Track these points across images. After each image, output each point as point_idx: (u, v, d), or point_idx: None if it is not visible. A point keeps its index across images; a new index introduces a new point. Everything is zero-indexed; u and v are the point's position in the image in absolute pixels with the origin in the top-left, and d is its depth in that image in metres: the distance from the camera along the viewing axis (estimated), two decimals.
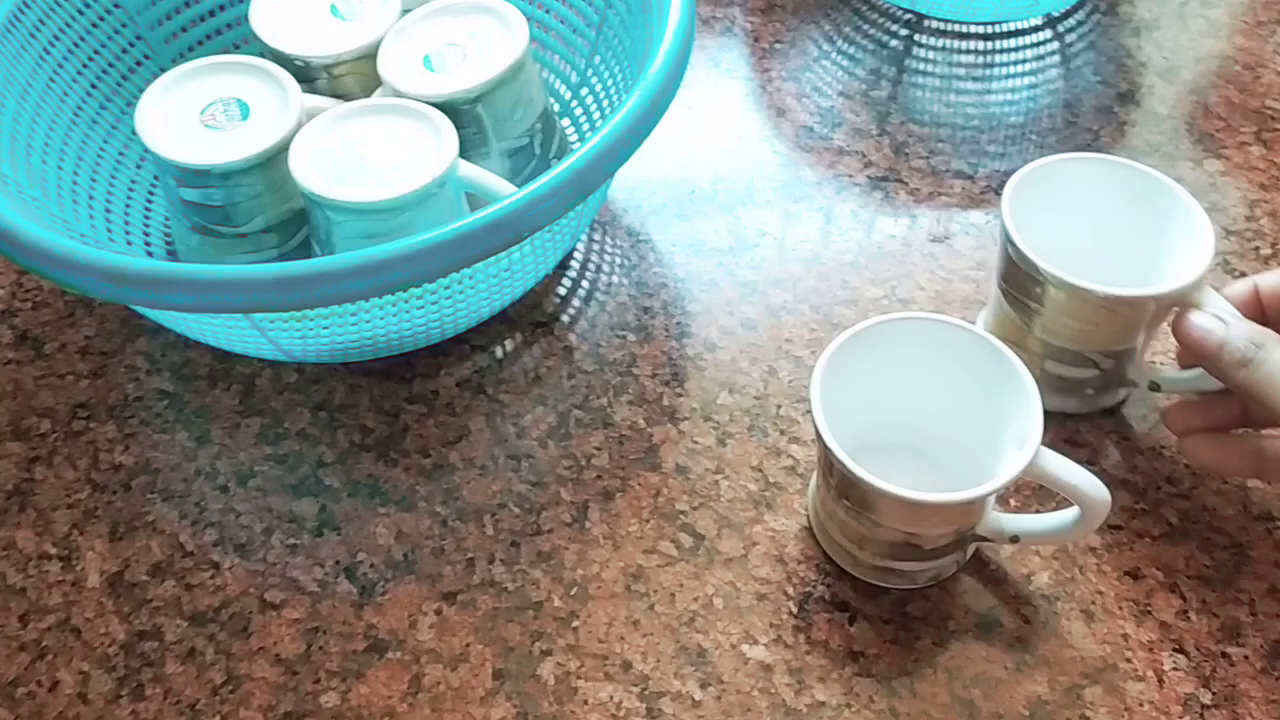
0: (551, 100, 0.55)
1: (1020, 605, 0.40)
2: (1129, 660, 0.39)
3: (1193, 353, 0.39)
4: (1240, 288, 0.40)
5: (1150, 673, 0.39)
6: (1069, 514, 0.38)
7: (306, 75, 0.49)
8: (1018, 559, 0.41)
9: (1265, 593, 0.40)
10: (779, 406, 0.46)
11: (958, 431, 0.41)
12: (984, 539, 0.39)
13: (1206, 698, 0.38)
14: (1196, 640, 0.39)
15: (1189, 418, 0.42)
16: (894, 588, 0.41)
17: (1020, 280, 0.42)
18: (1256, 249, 0.50)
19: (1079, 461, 0.36)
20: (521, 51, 0.48)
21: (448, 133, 0.45)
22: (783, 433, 0.45)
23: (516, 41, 0.48)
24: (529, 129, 0.50)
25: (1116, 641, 0.39)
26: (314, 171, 0.44)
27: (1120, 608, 0.40)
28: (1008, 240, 0.41)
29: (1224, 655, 0.39)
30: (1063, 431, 0.45)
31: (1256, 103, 0.56)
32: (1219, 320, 0.38)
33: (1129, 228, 0.43)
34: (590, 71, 0.54)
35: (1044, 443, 0.36)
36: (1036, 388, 0.37)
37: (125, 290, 0.37)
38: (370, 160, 0.45)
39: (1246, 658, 0.39)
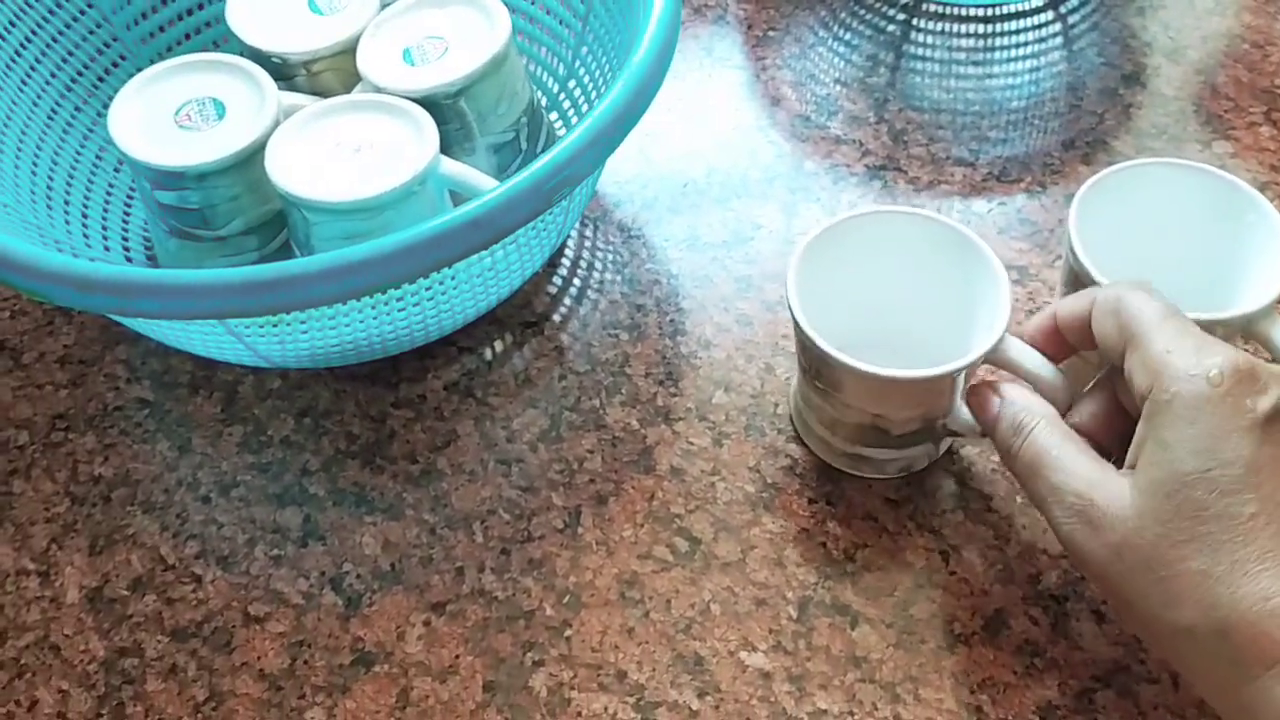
0: (538, 93, 0.54)
1: (1029, 606, 0.39)
2: (1142, 662, 0.37)
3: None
4: (1037, 322, 0.37)
5: (1164, 674, 0.37)
6: None
7: (285, 73, 0.48)
8: (1026, 559, 0.40)
9: None
10: (776, 405, 0.45)
11: (932, 328, 0.41)
12: (955, 434, 0.41)
13: None
14: None
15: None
16: (865, 476, 0.42)
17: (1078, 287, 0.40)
18: None
19: None
20: (504, 43, 0.46)
21: (428, 129, 0.44)
22: (780, 431, 0.44)
23: (498, 33, 0.47)
24: (514, 123, 0.48)
25: (1129, 642, 0.38)
26: (290, 171, 0.43)
27: None
28: (1070, 248, 0.40)
29: None
30: None
31: (1265, 82, 0.54)
32: (995, 396, 0.37)
33: (1206, 238, 0.41)
34: (578, 63, 0.52)
35: None
36: (1006, 276, 0.38)
37: (92, 297, 0.36)
38: (349, 158, 0.43)
39: None
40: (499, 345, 0.48)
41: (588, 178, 0.40)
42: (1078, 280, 0.40)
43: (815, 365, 0.39)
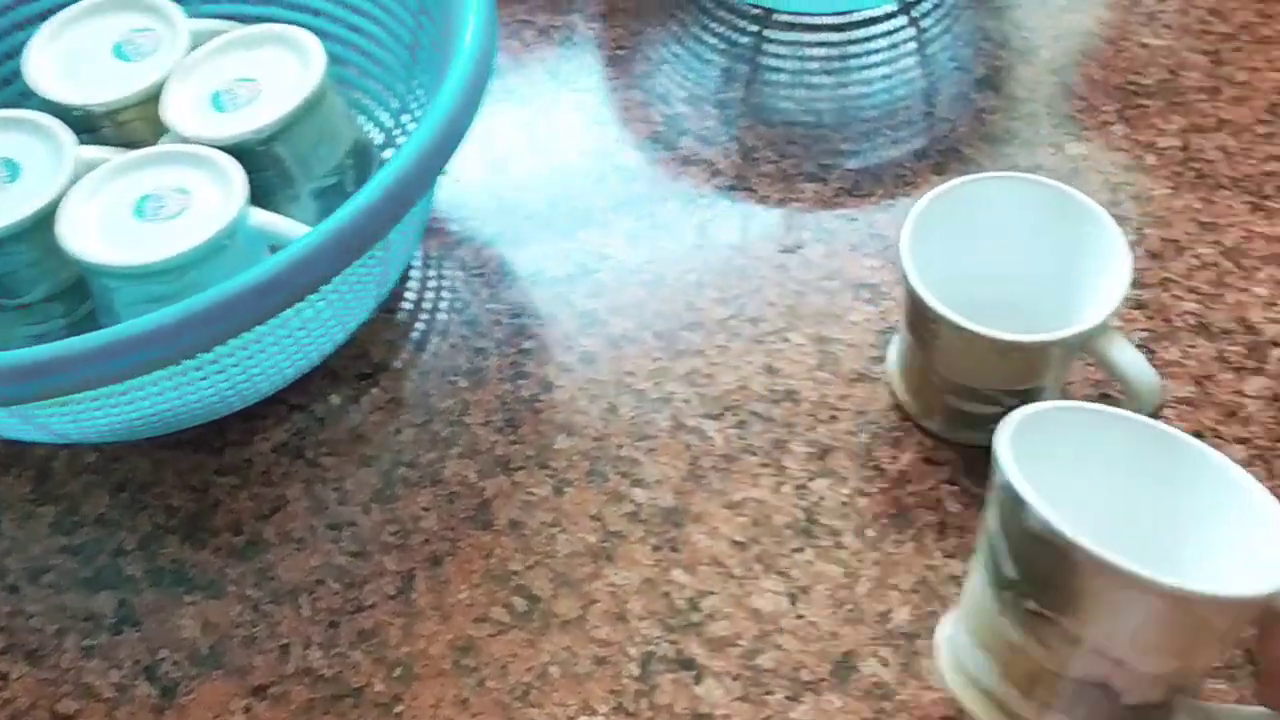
0: (373, 129, 0.52)
1: (878, 646, 0.37)
2: None
3: None
4: None
5: None
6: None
7: (90, 125, 0.45)
8: (875, 597, 0.38)
9: None
10: (619, 446, 0.43)
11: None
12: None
13: None
14: None
15: None
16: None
17: (916, 315, 0.39)
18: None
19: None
20: (318, 83, 0.44)
21: (237, 179, 0.42)
22: (624, 475, 0.42)
23: (313, 72, 0.44)
24: (337, 165, 0.46)
25: None
26: (85, 235, 0.40)
27: None
28: (904, 275, 0.38)
29: None
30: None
31: (1119, 78, 0.54)
32: None
33: (1048, 252, 0.40)
34: (410, 96, 0.50)
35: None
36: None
37: None
38: (150, 216, 0.41)
39: None
40: (334, 399, 0.45)
41: (404, 218, 0.38)
42: (915, 304, 0.38)
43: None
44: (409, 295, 0.48)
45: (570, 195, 0.51)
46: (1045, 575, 0.28)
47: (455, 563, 0.40)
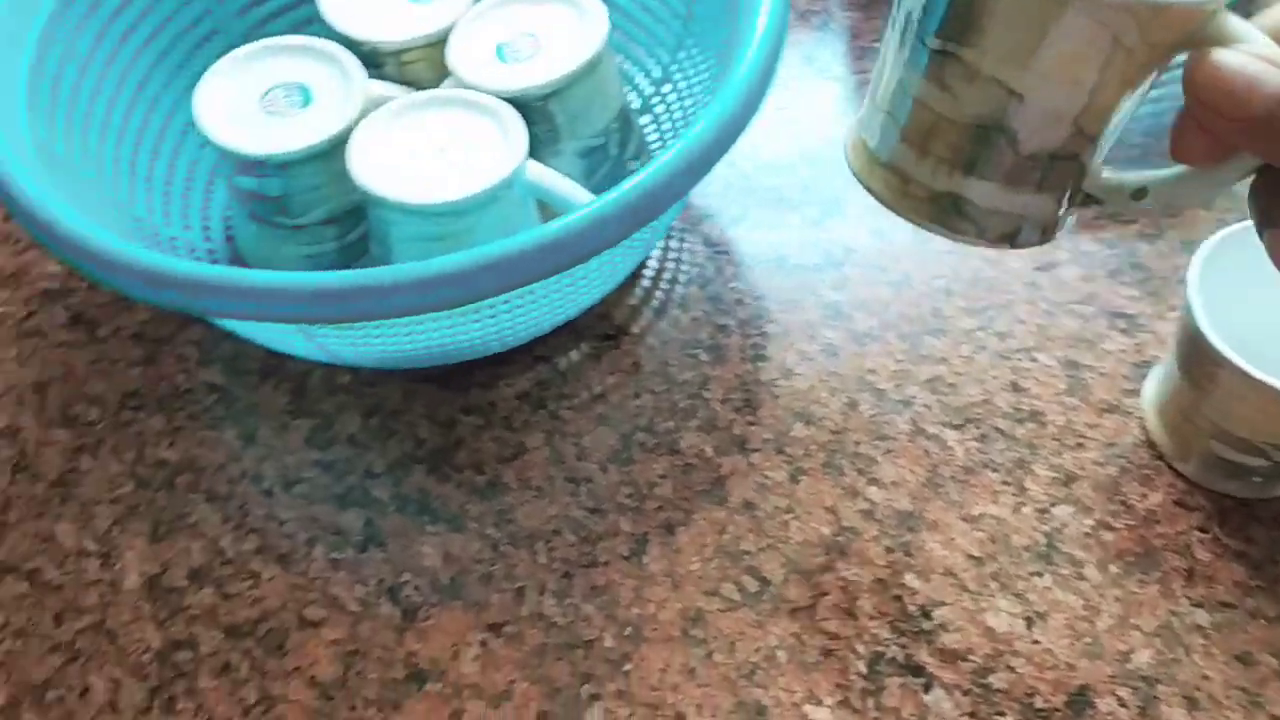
0: (632, 95, 0.52)
1: (1115, 686, 0.37)
2: None
3: (1220, 116, 0.25)
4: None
5: None
6: None
7: (375, 60, 0.47)
8: (1115, 634, 0.38)
9: None
10: (857, 443, 0.43)
11: None
12: (1093, 198, 0.29)
13: None
14: None
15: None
16: (954, 236, 0.29)
17: (1195, 356, 0.38)
18: None
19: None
20: (599, 46, 0.45)
21: (516, 131, 0.42)
22: (860, 472, 0.42)
23: (595, 34, 0.45)
24: (605, 128, 0.47)
25: None
26: (373, 167, 0.41)
27: (1228, 696, 0.36)
28: (1189, 311, 0.37)
29: None
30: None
31: None
32: (1267, 62, 0.24)
33: None
34: (675, 66, 0.50)
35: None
36: None
37: (161, 293, 0.35)
38: (434, 156, 0.42)
39: None
40: (574, 355, 0.46)
41: (681, 200, 0.38)
42: (1193, 341, 0.37)
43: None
44: (651, 263, 0.49)
45: (819, 183, 0.51)
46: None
47: (688, 533, 0.41)
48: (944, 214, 0.28)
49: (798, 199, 0.50)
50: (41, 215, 0.36)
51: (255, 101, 0.44)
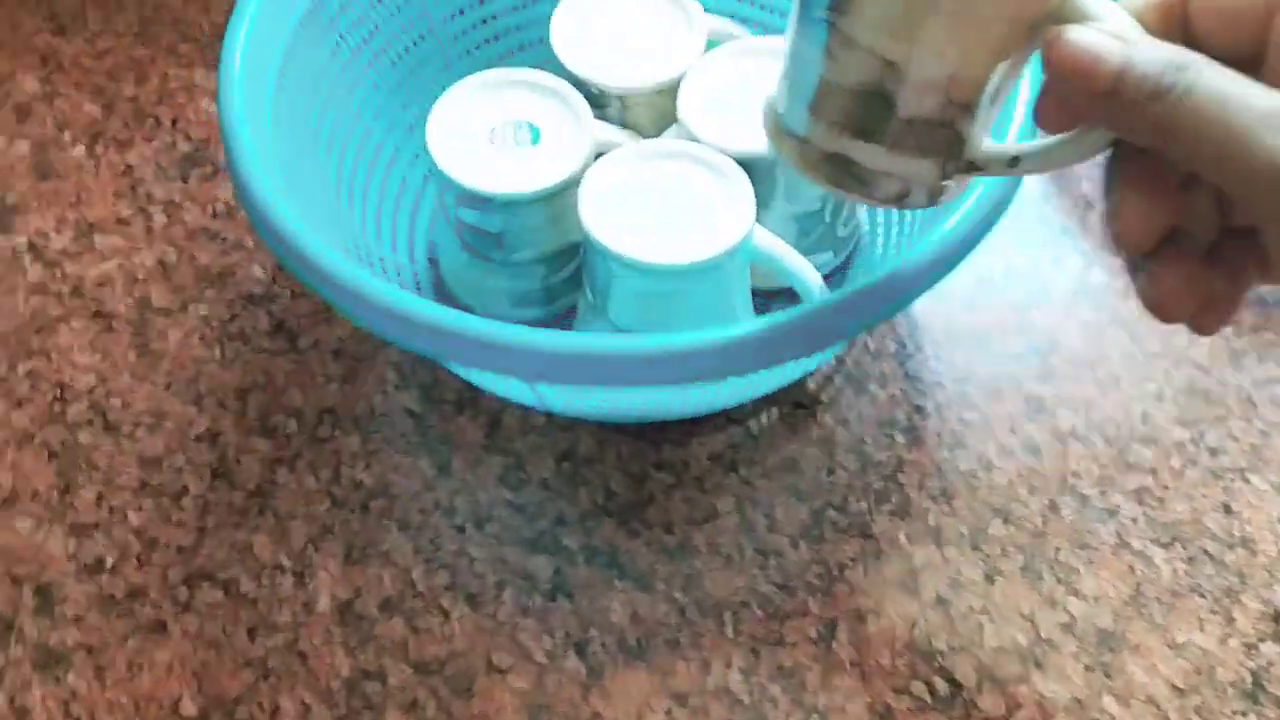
0: None
1: None
2: None
3: (1072, 90, 0.27)
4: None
5: None
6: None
7: (599, 101, 0.47)
8: None
9: None
10: (1058, 550, 0.42)
11: None
12: (976, 165, 0.31)
13: None
14: None
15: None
16: (847, 195, 0.32)
17: None
18: None
19: None
20: None
21: (744, 193, 0.42)
22: (1060, 581, 0.41)
23: None
24: (823, 193, 0.46)
25: None
26: (605, 219, 0.41)
27: None
28: None
29: None
30: None
31: None
32: (1114, 38, 0.26)
33: None
34: None
35: None
36: None
37: (411, 341, 0.35)
38: (660, 211, 0.42)
39: None
40: (766, 420, 0.46)
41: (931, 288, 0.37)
42: None
43: None
44: None
45: (1024, 269, 0.49)
46: None
47: (879, 624, 0.40)
48: (838, 175, 0.31)
49: (1001, 281, 0.49)
50: (294, 244, 0.37)
51: (484, 135, 0.44)
